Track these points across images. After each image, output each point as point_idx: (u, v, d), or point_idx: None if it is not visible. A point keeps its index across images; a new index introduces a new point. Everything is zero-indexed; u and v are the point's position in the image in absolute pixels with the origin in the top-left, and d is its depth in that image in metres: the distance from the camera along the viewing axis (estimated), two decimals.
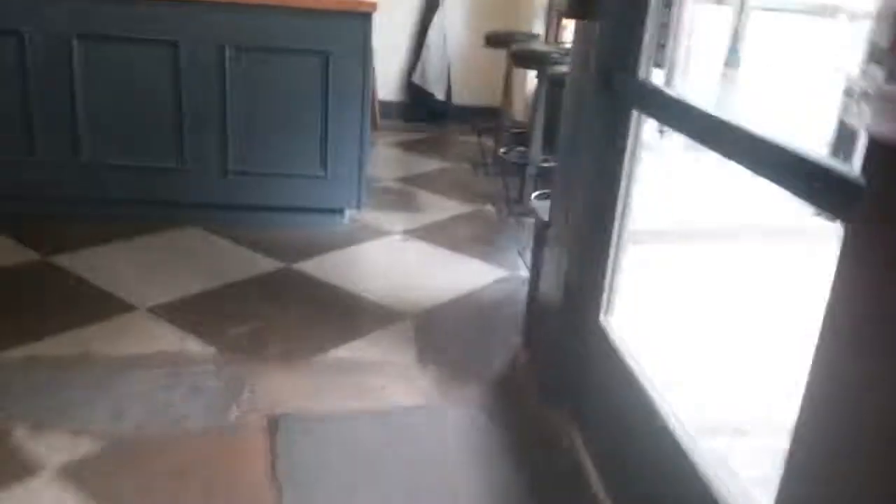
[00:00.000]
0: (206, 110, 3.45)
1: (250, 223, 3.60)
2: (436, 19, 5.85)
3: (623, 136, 2.09)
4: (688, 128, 1.80)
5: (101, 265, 3.12)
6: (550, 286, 2.41)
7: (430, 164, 5.01)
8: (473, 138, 5.50)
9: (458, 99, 6.05)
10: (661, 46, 1.98)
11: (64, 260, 3.14)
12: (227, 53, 3.38)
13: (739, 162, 1.48)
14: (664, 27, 1.99)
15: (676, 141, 3.42)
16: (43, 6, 3.29)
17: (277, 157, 3.54)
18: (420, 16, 5.93)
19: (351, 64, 3.43)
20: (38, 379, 2.30)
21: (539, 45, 4.38)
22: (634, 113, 2.06)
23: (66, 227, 3.43)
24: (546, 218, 2.50)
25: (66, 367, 2.37)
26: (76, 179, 3.50)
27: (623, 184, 2.14)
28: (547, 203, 2.55)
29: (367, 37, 3.40)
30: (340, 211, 3.71)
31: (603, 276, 2.19)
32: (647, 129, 2.11)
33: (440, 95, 5.98)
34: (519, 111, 5.26)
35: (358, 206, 3.68)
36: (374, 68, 3.92)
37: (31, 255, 3.17)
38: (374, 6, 3.38)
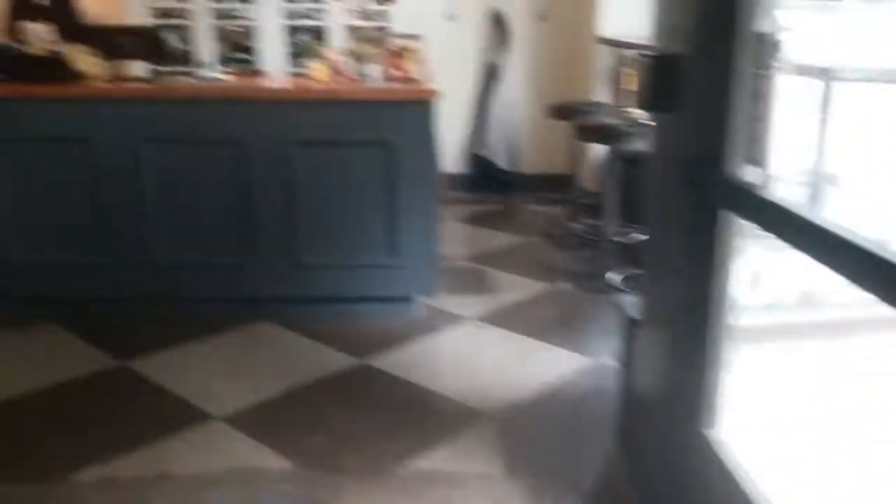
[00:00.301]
0: (274, 204, 3.43)
1: (322, 315, 3.54)
2: (496, 88, 5.81)
3: (713, 234, 1.94)
4: (791, 238, 1.63)
5: (176, 369, 3.08)
6: (644, 388, 2.24)
7: (500, 239, 4.90)
8: (541, 208, 5.38)
9: (523, 168, 5.95)
10: (754, 141, 1.83)
11: (138, 364, 3.11)
12: (293, 148, 3.36)
13: (860, 286, 1.31)
14: (756, 121, 1.85)
15: None
16: (110, 112, 3.34)
17: (347, 248, 3.48)
18: (480, 86, 5.89)
19: (417, 151, 3.37)
20: None
21: (606, 118, 4.26)
22: (724, 212, 1.91)
23: (139, 328, 3.42)
24: (633, 311, 2.34)
25: (140, 490, 2.30)
26: (148, 279, 3.50)
27: (719, 280, 1.98)
28: (631, 293, 2.40)
29: (431, 123, 3.35)
30: (413, 298, 3.62)
31: (703, 379, 2.01)
32: None
33: (504, 165, 5.90)
34: (588, 180, 5.13)
35: (430, 294, 3.59)
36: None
37: (105, 361, 3.15)
38: (436, 93, 3.33)
